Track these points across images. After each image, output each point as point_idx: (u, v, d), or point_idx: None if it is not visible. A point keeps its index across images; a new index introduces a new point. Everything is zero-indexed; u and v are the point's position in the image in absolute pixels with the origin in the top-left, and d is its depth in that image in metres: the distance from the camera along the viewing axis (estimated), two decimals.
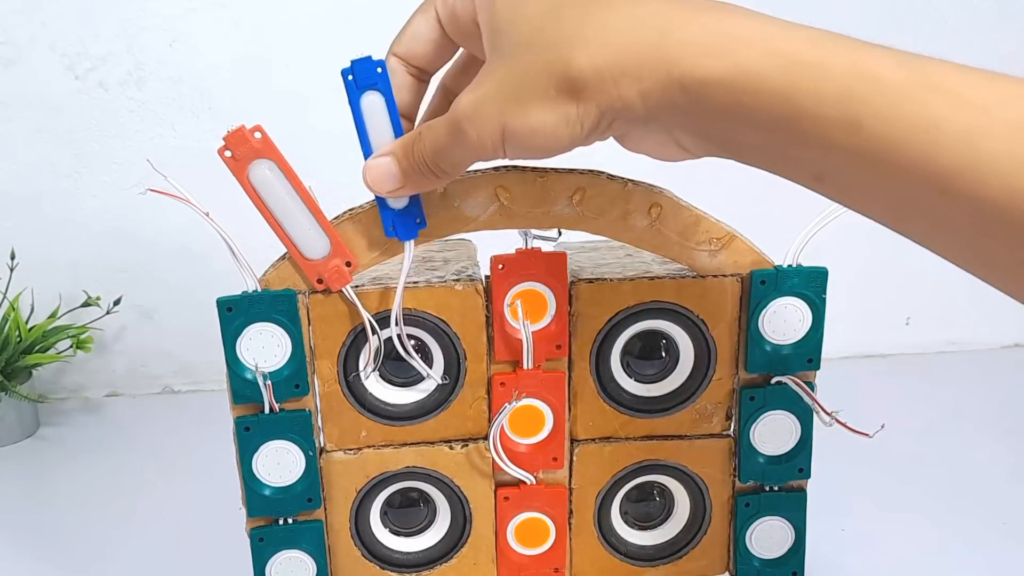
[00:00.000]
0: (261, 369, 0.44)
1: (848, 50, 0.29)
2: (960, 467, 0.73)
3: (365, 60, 0.41)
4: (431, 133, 0.38)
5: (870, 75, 0.28)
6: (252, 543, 0.47)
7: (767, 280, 0.46)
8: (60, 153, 0.89)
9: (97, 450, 0.82)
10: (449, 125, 0.36)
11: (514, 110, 0.33)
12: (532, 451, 0.49)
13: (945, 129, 0.27)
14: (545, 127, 0.33)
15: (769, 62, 0.29)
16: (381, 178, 0.40)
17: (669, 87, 0.30)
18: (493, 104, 0.34)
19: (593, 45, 0.31)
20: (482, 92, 0.34)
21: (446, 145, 0.37)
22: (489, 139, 0.35)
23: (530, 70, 0.33)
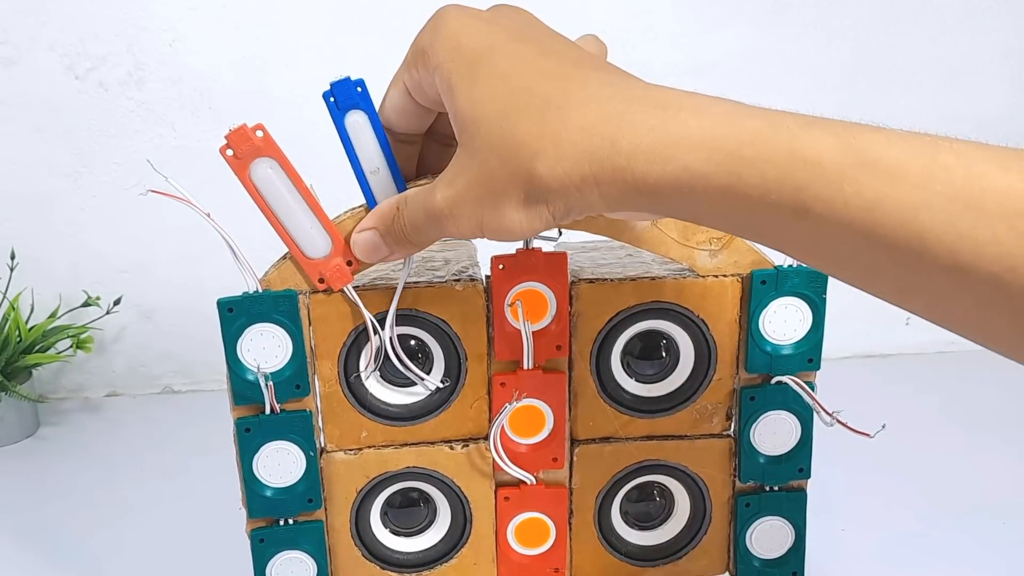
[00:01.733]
0: (262, 370, 0.44)
1: (788, 135, 0.29)
2: (960, 467, 0.73)
3: (344, 81, 0.41)
4: (410, 213, 0.40)
5: (808, 160, 0.29)
6: (252, 544, 0.47)
7: (767, 280, 0.46)
8: (60, 153, 0.89)
9: (97, 450, 0.82)
10: (428, 215, 0.39)
11: (488, 212, 0.36)
12: (532, 451, 0.49)
13: (885, 208, 0.27)
14: (520, 224, 0.36)
15: (713, 160, 0.30)
16: (368, 250, 0.43)
17: (626, 191, 0.32)
18: (468, 206, 0.36)
19: (552, 156, 0.33)
20: (456, 192, 0.37)
21: (426, 229, 0.40)
22: (469, 232, 0.37)
23: (498, 176, 0.35)
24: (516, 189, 0.34)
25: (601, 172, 0.32)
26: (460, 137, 0.36)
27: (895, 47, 0.95)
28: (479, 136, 0.35)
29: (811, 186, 0.29)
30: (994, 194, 0.26)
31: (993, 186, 0.26)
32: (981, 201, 0.26)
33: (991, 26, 0.96)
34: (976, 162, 0.27)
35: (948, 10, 0.95)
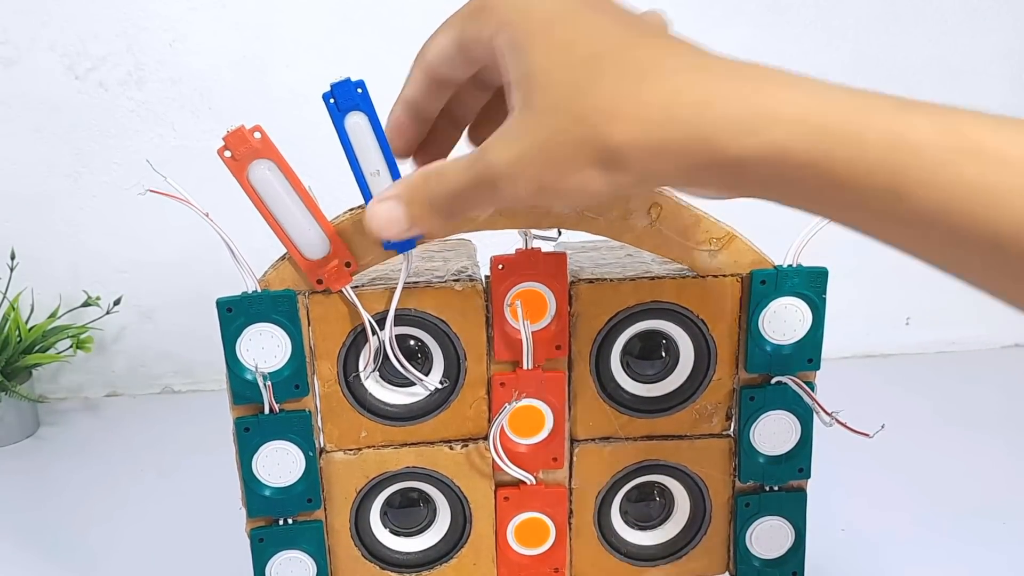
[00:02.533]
0: (261, 370, 0.44)
1: (884, 116, 0.28)
2: (960, 467, 0.73)
3: (345, 82, 0.41)
4: (452, 176, 0.36)
5: (907, 143, 0.28)
6: (252, 543, 0.47)
7: (767, 280, 0.46)
8: (60, 153, 0.89)
9: (97, 450, 0.82)
10: (478, 175, 0.35)
11: (551, 174, 0.33)
12: (532, 451, 0.49)
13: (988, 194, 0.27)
14: (583, 189, 0.33)
15: (806, 138, 0.29)
16: (386, 222, 0.38)
17: (706, 163, 0.31)
18: (530, 167, 0.34)
19: (629, 120, 0.31)
20: (517, 152, 0.34)
21: (469, 194, 0.36)
22: (523, 194, 0.35)
23: (569, 137, 0.33)
24: (587, 152, 0.32)
25: (682, 140, 0.31)
26: (526, 98, 0.34)
27: (895, 47, 0.95)
28: (550, 97, 0.33)
29: (909, 169, 0.28)
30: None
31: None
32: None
33: (991, 26, 0.96)
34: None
35: (948, 10, 0.95)
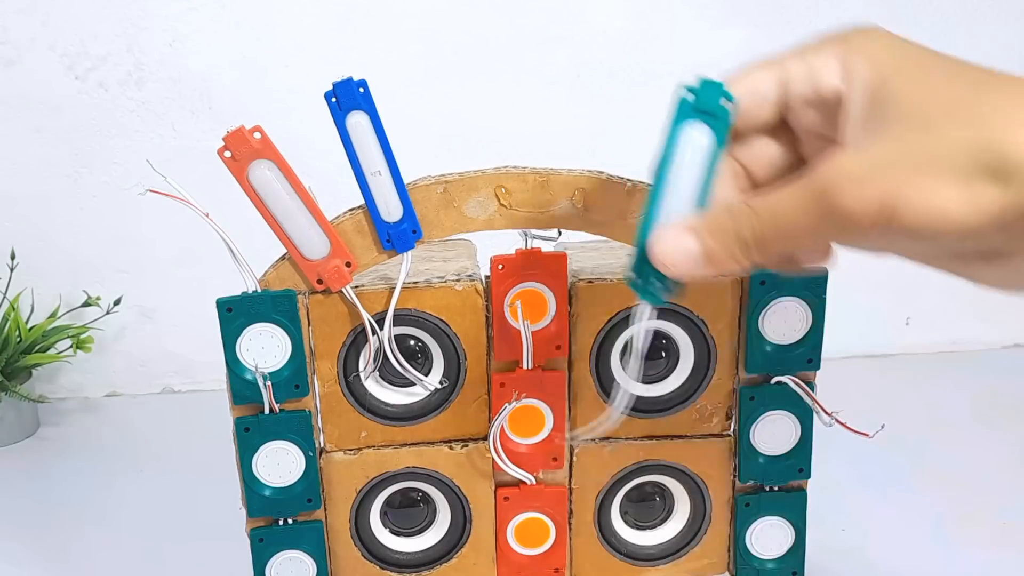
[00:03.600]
0: (261, 370, 0.44)
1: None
2: (960, 467, 0.73)
3: (346, 82, 0.41)
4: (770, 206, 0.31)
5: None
6: (252, 543, 0.47)
7: (767, 280, 0.46)
8: (60, 153, 0.89)
9: (97, 450, 0.82)
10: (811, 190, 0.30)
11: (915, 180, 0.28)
12: (532, 451, 0.49)
13: None
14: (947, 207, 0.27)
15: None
16: (678, 256, 0.33)
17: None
18: (890, 169, 0.28)
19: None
20: (875, 153, 0.29)
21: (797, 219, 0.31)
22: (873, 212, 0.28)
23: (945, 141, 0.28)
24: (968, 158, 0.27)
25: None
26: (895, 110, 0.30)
27: None
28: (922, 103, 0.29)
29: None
30: None
31: None
32: None
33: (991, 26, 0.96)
34: None
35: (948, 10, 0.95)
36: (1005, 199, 0.27)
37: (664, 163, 0.34)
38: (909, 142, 0.28)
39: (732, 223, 0.32)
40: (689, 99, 0.34)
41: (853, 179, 0.29)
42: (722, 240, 0.33)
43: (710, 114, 0.34)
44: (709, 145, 0.34)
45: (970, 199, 0.27)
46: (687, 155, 0.34)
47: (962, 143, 0.27)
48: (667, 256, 0.34)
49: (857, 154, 0.30)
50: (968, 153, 0.27)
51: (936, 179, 0.28)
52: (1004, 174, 0.27)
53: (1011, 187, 0.27)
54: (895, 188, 0.28)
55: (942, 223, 0.28)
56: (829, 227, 0.30)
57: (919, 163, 0.28)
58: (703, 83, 0.34)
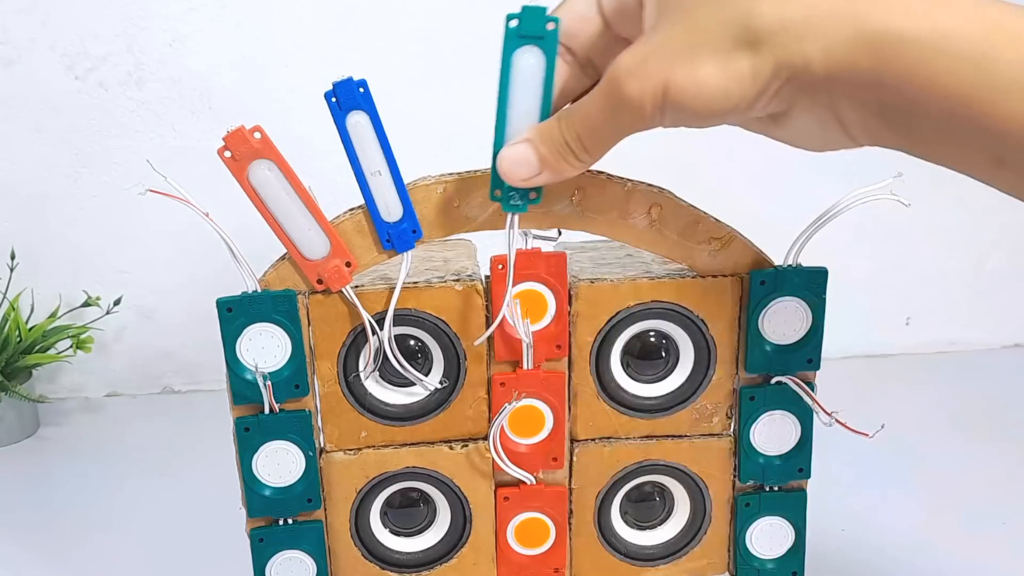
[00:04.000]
0: (261, 369, 0.44)
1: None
2: (960, 467, 0.73)
3: (346, 81, 0.41)
4: (579, 107, 0.36)
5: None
6: (252, 543, 0.47)
7: (767, 280, 0.46)
8: (60, 153, 0.89)
9: (97, 450, 0.82)
10: (605, 89, 0.34)
11: (683, 63, 0.31)
12: (532, 451, 0.49)
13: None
14: (715, 82, 0.31)
15: (970, 25, 0.27)
16: (516, 164, 0.38)
17: (855, 46, 0.29)
18: (658, 57, 0.32)
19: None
20: (648, 47, 0.32)
21: (599, 114, 0.35)
22: (650, 97, 0.32)
23: (705, 22, 0.31)
24: (724, 34, 0.30)
25: (833, 16, 0.29)
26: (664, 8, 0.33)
27: None
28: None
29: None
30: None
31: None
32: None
33: None
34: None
35: None
36: (756, 64, 0.30)
37: (503, 88, 0.39)
38: (676, 30, 0.32)
39: (557, 129, 0.37)
40: (513, 26, 0.37)
41: (631, 72, 0.33)
42: (550, 145, 0.37)
43: (537, 37, 0.37)
44: (539, 64, 0.38)
45: (729, 71, 0.31)
46: (521, 77, 0.38)
47: (716, 22, 0.31)
48: (509, 166, 0.38)
49: (634, 49, 0.33)
50: (722, 30, 0.30)
51: (698, 59, 0.31)
52: (754, 43, 0.30)
53: (760, 53, 0.30)
54: (665, 73, 0.32)
55: (710, 97, 0.31)
56: (623, 116, 0.34)
57: (683, 47, 0.31)
58: (525, 9, 0.37)
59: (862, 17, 0.29)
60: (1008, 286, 1.02)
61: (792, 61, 0.30)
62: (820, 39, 0.29)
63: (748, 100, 0.31)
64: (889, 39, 0.28)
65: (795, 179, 0.90)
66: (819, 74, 0.30)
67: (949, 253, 0.99)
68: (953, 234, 0.98)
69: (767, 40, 0.30)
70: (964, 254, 0.99)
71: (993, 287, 1.01)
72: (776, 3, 0.30)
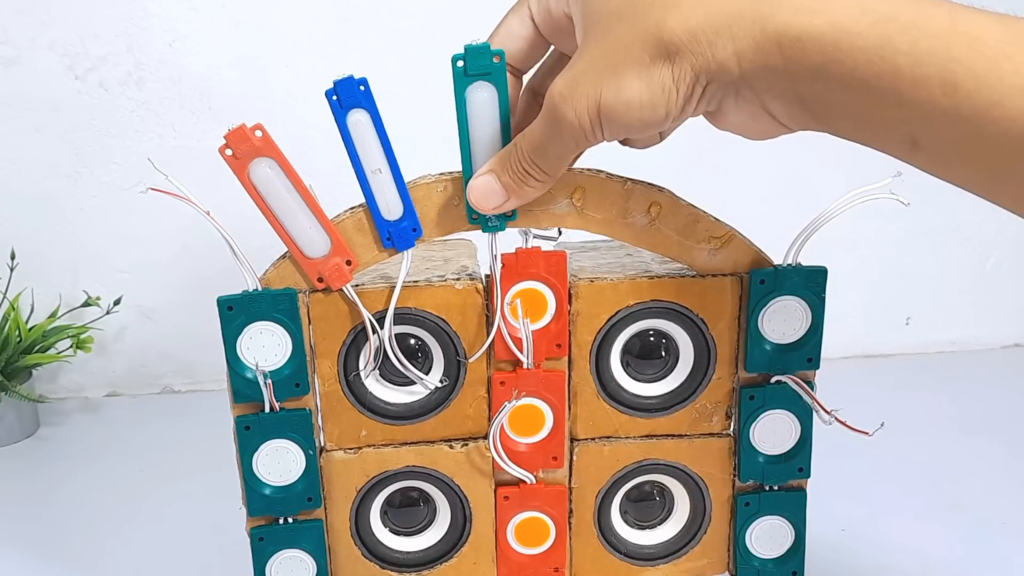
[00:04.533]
0: (261, 368, 0.44)
1: (946, 10, 0.29)
2: (960, 467, 0.73)
3: (347, 80, 0.41)
4: (528, 134, 0.38)
5: (967, 34, 0.28)
6: (252, 543, 0.47)
7: (767, 279, 0.46)
8: (60, 153, 0.89)
9: (97, 450, 0.82)
10: (545, 114, 0.36)
11: (608, 81, 0.33)
12: (532, 450, 0.49)
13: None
14: (641, 96, 0.33)
15: (865, 19, 0.29)
16: (484, 196, 0.40)
17: (764, 46, 0.30)
18: (587, 79, 0.34)
19: (685, 6, 0.31)
20: (576, 70, 0.34)
21: (543, 139, 0.37)
22: (586, 117, 0.34)
23: (623, 40, 0.33)
24: (641, 49, 0.32)
25: (739, 20, 0.31)
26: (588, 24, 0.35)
27: None
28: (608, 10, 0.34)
29: (966, 59, 0.28)
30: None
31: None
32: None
33: None
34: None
35: None
36: (676, 74, 0.32)
37: (462, 124, 0.41)
38: (597, 51, 0.33)
39: (513, 156, 0.39)
40: (460, 66, 0.40)
41: (564, 97, 0.34)
42: (511, 173, 0.39)
43: (485, 73, 0.40)
44: (491, 96, 0.40)
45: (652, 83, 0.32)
46: (477, 111, 0.40)
47: (631, 39, 0.32)
48: (478, 198, 0.41)
49: (564, 74, 0.35)
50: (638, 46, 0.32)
51: (622, 76, 0.33)
52: (670, 54, 0.32)
53: (677, 63, 0.32)
54: (594, 95, 0.33)
55: (640, 110, 0.33)
56: (567, 138, 0.36)
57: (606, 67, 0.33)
58: (468, 48, 0.39)
59: (764, 18, 0.30)
60: (1008, 286, 1.02)
61: (708, 67, 0.32)
62: (729, 43, 0.31)
63: (677, 106, 0.33)
64: (791, 36, 0.30)
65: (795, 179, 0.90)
66: (736, 74, 0.32)
67: (949, 253, 0.99)
68: (953, 234, 0.98)
69: (681, 50, 0.32)
70: (964, 254, 0.99)
71: (993, 287, 1.01)
72: (682, 15, 0.31)
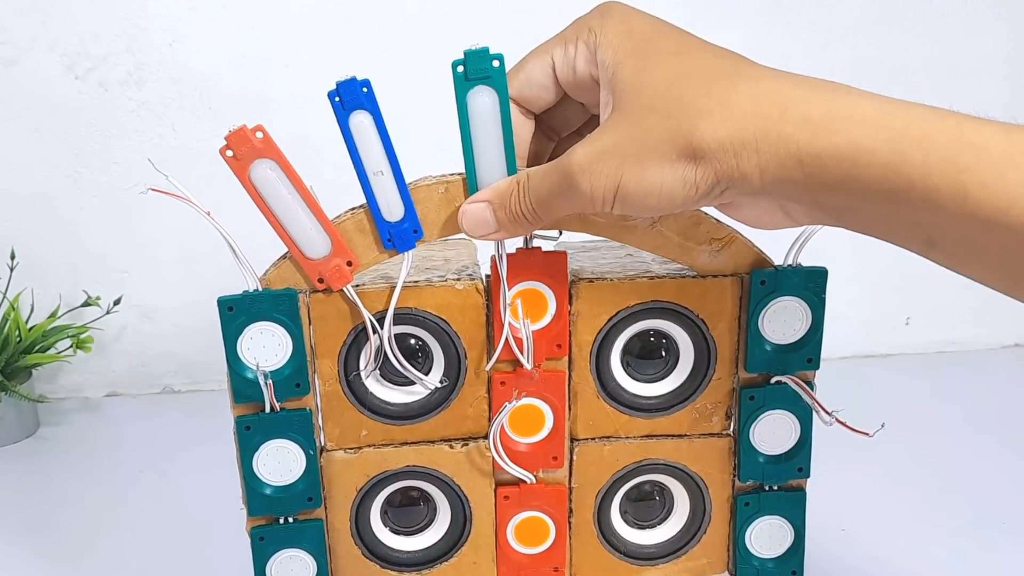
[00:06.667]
0: (262, 368, 0.44)
1: (953, 123, 0.30)
2: (960, 467, 0.73)
3: (350, 81, 0.41)
4: (535, 182, 0.39)
5: (974, 145, 0.30)
6: (253, 542, 0.47)
7: (767, 280, 0.46)
8: (60, 153, 0.89)
9: (97, 450, 0.82)
10: (559, 175, 0.37)
11: (632, 168, 0.35)
12: (532, 450, 0.49)
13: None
14: (661, 187, 0.34)
15: (879, 137, 0.31)
16: (475, 224, 0.42)
17: (786, 162, 0.32)
18: (611, 160, 0.35)
19: (717, 117, 0.33)
20: (600, 147, 0.36)
21: (552, 195, 0.38)
22: (601, 193, 0.36)
23: (653, 132, 0.34)
24: (670, 146, 0.34)
25: (765, 137, 0.32)
26: (618, 102, 0.36)
27: (895, 47, 0.95)
28: (642, 97, 0.35)
29: (974, 168, 0.29)
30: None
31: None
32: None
33: (991, 26, 0.96)
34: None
35: (948, 10, 0.95)
36: (698, 175, 0.34)
37: (464, 128, 0.41)
38: (626, 134, 0.35)
39: (514, 198, 0.40)
40: (460, 71, 0.40)
41: (583, 169, 0.36)
42: (508, 212, 0.40)
43: (485, 76, 0.40)
44: (492, 100, 0.41)
45: (674, 178, 0.34)
46: (478, 116, 0.41)
47: (662, 132, 0.34)
48: (469, 226, 0.42)
49: (587, 147, 0.36)
50: (667, 141, 0.34)
51: (646, 166, 0.34)
52: (695, 157, 0.34)
53: (701, 166, 0.34)
54: (615, 176, 0.35)
55: (657, 199, 0.35)
56: (575, 202, 0.37)
57: (631, 153, 0.35)
58: (468, 53, 0.40)
59: (787, 136, 0.32)
60: None
61: (732, 174, 0.34)
62: (754, 156, 0.33)
63: (692, 201, 0.35)
64: (811, 154, 0.32)
65: None
66: (757, 184, 0.34)
67: None
68: None
69: (707, 156, 0.33)
70: None
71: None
72: (713, 124, 0.33)
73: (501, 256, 0.45)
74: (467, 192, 0.43)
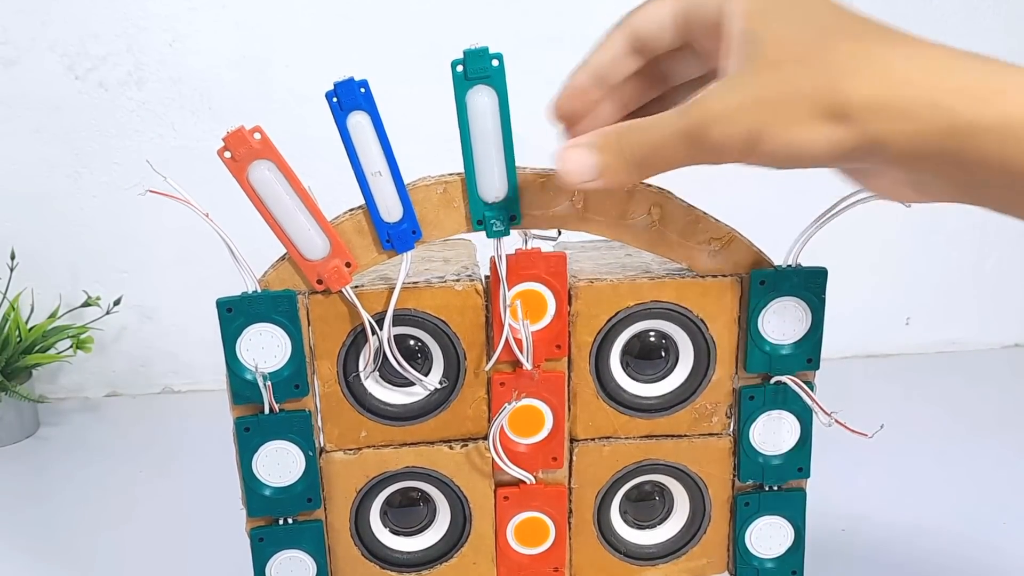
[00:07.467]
0: (261, 370, 0.44)
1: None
2: (959, 467, 0.73)
3: (348, 82, 0.41)
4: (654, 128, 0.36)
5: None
6: (252, 543, 0.47)
7: (767, 280, 0.46)
8: (60, 153, 0.89)
9: (97, 450, 0.82)
10: (687, 121, 0.35)
11: (772, 120, 0.33)
12: (532, 451, 0.49)
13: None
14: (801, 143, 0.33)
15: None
16: (577, 170, 0.37)
17: (936, 131, 0.31)
18: (750, 111, 0.33)
19: (866, 76, 0.32)
20: (738, 98, 0.34)
21: (671, 142, 0.36)
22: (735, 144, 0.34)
23: (795, 86, 0.33)
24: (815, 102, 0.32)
25: (914, 101, 0.31)
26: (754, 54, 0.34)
27: None
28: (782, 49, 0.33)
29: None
30: None
31: None
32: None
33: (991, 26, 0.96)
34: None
35: (948, 10, 0.95)
36: (842, 135, 0.32)
37: (463, 128, 0.41)
38: (764, 83, 0.33)
39: (622, 137, 0.37)
40: (460, 70, 0.40)
41: (720, 118, 0.34)
42: (613, 156, 0.37)
43: (485, 76, 0.40)
44: (491, 100, 0.41)
45: (816, 135, 0.32)
46: (478, 115, 0.41)
47: (809, 89, 0.32)
48: (568, 168, 0.37)
49: (720, 93, 0.34)
50: (814, 98, 0.32)
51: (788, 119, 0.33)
52: (843, 116, 0.32)
53: (847, 126, 0.32)
54: (757, 126, 0.33)
55: (797, 154, 0.33)
56: (700, 154, 0.35)
57: (772, 104, 0.33)
58: (467, 53, 0.40)
59: (943, 106, 0.31)
60: (1008, 286, 1.02)
61: (876, 139, 0.32)
62: (902, 123, 0.31)
63: (830, 160, 0.34)
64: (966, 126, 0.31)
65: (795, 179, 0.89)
66: (901, 152, 0.32)
67: (949, 253, 0.99)
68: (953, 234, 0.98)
69: (854, 116, 0.32)
70: (964, 254, 0.99)
71: (993, 287, 1.01)
72: (863, 83, 0.32)
73: (500, 257, 0.45)
74: (466, 192, 0.43)
